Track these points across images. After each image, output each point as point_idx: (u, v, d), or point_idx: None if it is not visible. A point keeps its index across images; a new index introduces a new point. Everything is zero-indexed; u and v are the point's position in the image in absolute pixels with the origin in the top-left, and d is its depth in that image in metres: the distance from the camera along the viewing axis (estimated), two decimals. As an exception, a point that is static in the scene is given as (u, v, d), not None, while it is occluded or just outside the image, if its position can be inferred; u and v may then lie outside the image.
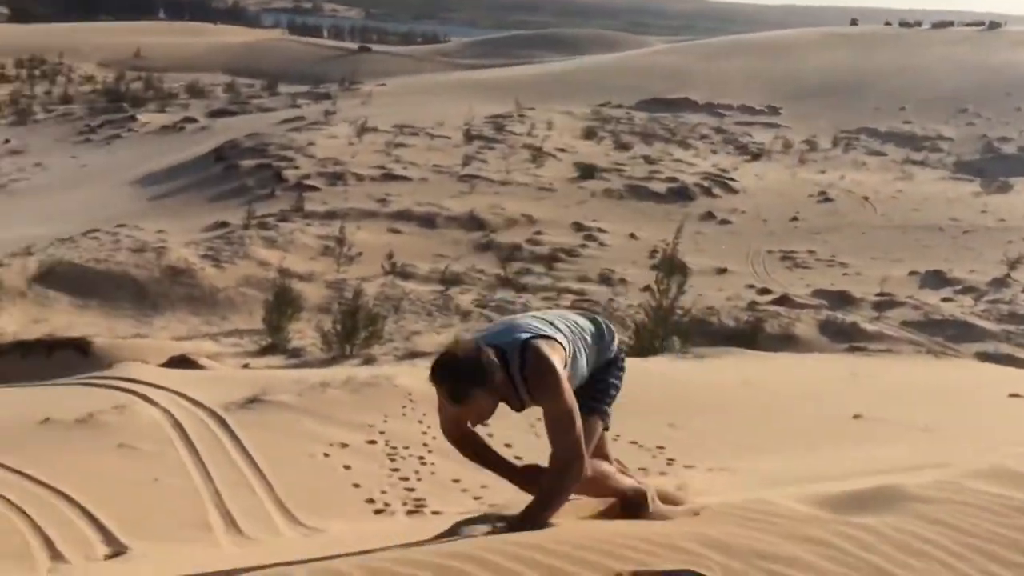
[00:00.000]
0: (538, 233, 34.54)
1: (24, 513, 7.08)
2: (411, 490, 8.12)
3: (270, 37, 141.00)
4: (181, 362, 17.35)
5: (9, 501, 7.34)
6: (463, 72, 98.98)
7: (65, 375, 14.29)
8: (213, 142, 51.37)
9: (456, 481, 8.47)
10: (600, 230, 35.05)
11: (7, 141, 64.50)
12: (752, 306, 26.10)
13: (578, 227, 35.53)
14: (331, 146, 47.57)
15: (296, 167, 43.00)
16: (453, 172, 43.86)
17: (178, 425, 9.58)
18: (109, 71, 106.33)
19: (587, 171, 45.24)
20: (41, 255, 28.83)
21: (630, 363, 3.42)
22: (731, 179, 46.09)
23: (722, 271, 31.34)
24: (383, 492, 8.03)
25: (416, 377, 11.94)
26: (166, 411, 10.06)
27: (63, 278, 26.69)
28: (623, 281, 29.19)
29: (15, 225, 35.93)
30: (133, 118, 70.64)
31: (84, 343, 19.61)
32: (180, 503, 7.53)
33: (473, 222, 35.35)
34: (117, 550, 6.32)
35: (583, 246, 33.25)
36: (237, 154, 46.43)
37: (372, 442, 9.39)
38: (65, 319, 24.04)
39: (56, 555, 6.42)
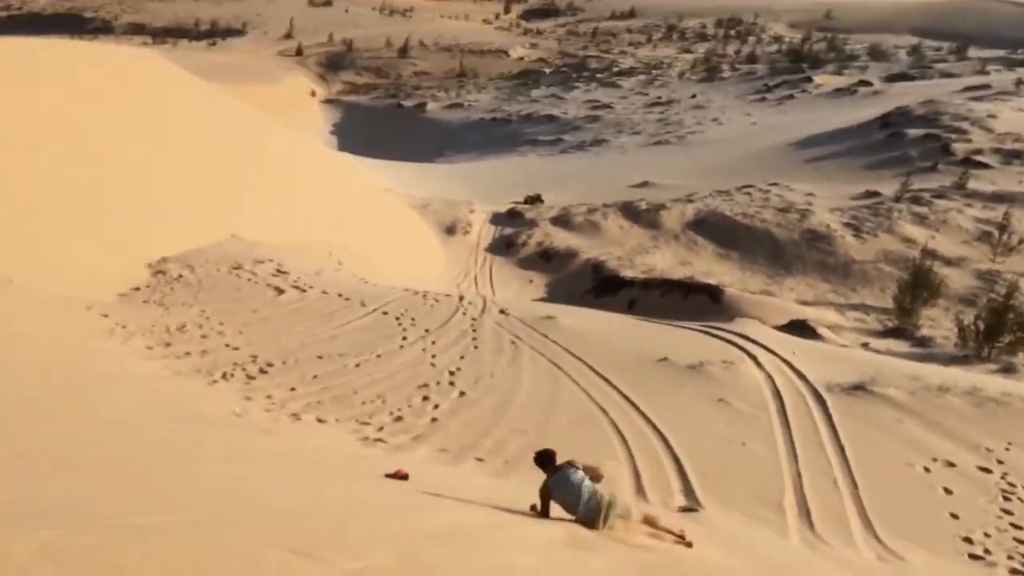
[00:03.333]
0: None
1: (625, 442, 7.81)
2: None
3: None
4: (800, 327, 17.35)
5: (617, 428, 8.18)
6: None
7: (694, 317, 15.41)
8: (882, 107, 49.30)
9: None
10: None
11: (694, 96, 71.52)
12: None
13: None
14: (1015, 120, 41.77)
15: (968, 140, 38.83)
16: None
17: (777, 394, 9.53)
18: (797, 31, 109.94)
19: None
20: (699, 203, 31.41)
21: None
22: None
23: None
24: (986, 535, 6.86)
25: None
26: (769, 377, 10.09)
27: (712, 227, 28.74)
28: None
29: (686, 173, 39.75)
30: (808, 79, 71.98)
31: (717, 291, 20.87)
32: (760, 475, 7.50)
33: None
34: (691, 506, 6.54)
35: None
36: (905, 121, 43.77)
37: (986, 470, 8.10)
38: (706, 265, 25.89)
39: (639, 490, 6.94)
